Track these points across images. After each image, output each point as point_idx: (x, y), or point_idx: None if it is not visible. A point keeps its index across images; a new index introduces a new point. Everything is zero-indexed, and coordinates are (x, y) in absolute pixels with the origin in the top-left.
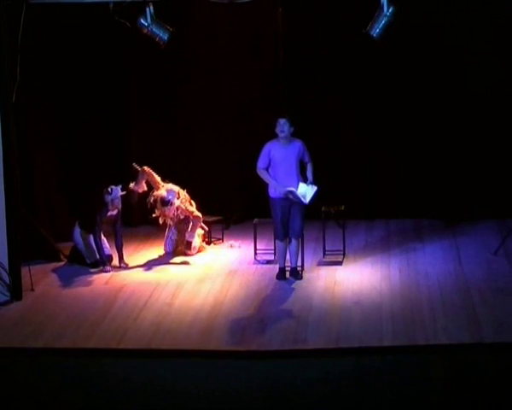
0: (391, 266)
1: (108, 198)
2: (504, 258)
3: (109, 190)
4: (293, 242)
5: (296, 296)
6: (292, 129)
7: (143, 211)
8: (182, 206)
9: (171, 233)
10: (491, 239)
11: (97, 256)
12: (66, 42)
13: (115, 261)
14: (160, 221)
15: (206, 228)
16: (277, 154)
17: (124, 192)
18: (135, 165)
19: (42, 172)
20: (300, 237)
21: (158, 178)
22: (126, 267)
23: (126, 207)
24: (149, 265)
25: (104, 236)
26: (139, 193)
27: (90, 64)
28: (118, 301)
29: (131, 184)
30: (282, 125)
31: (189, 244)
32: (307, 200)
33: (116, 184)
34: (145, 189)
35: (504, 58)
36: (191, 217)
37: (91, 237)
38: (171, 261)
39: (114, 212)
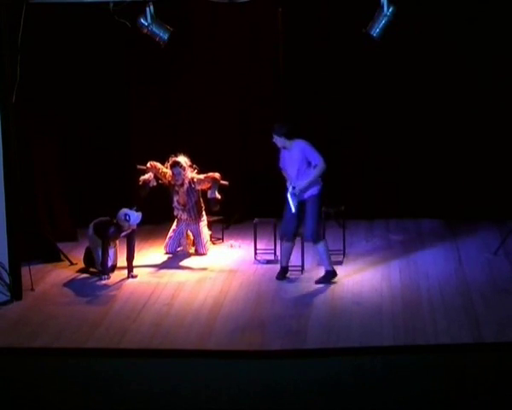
0: (391, 267)
1: (126, 224)
2: (504, 258)
3: (127, 217)
4: (314, 246)
5: (296, 296)
6: (282, 139)
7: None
8: (194, 176)
9: (180, 235)
10: (492, 239)
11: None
12: (66, 42)
13: (122, 271)
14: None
15: (226, 183)
16: (285, 156)
17: (140, 213)
18: (139, 166)
19: (42, 172)
20: (312, 239)
21: (164, 169)
22: (134, 277)
23: (136, 199)
24: (149, 265)
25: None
26: (150, 188)
27: (90, 64)
28: (118, 301)
29: (144, 177)
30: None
31: (214, 201)
32: (293, 209)
33: (130, 207)
34: (155, 184)
35: (505, 58)
36: (209, 179)
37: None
38: (171, 261)
39: (129, 231)
